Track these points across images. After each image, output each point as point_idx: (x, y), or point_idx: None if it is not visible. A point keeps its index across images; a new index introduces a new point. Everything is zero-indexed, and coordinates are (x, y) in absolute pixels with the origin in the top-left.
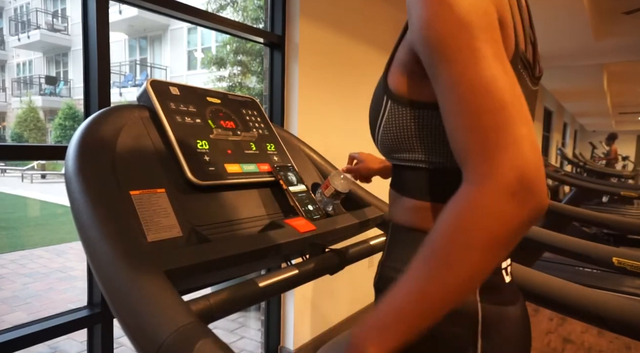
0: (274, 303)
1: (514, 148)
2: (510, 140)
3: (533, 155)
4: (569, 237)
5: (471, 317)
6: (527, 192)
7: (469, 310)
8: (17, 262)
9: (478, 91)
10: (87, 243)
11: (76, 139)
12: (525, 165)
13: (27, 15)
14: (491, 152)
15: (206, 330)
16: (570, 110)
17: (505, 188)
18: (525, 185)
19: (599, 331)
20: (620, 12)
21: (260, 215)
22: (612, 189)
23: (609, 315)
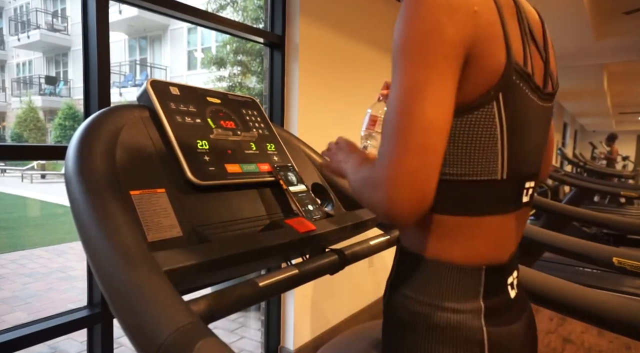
0: (274, 303)
1: (389, 180)
2: (391, 169)
3: (398, 193)
4: (569, 237)
5: (477, 343)
6: (385, 213)
7: (475, 337)
8: (17, 262)
9: (396, 108)
10: (87, 243)
11: (76, 139)
12: (388, 203)
13: (27, 15)
14: (380, 166)
15: (206, 330)
16: (570, 110)
17: (377, 194)
18: (386, 210)
19: (599, 331)
20: (620, 12)
21: (260, 215)
22: (612, 189)
23: (609, 315)
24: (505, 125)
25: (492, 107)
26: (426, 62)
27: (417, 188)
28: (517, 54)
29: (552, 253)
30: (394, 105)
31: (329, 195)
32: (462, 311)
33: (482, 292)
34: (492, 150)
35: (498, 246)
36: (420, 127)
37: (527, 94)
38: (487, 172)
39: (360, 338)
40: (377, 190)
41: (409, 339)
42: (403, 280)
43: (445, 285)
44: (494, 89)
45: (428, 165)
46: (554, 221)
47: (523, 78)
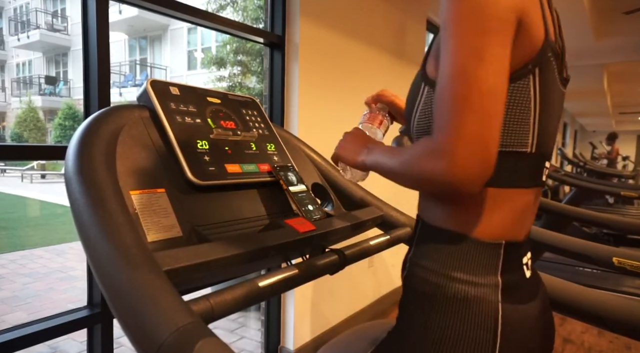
0: (274, 303)
1: (457, 146)
2: (455, 136)
3: (467, 158)
4: (569, 237)
5: (492, 317)
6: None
7: (490, 311)
8: (17, 262)
9: (455, 75)
10: (87, 243)
11: (76, 138)
12: (455, 170)
13: (26, 15)
14: (443, 135)
15: (206, 330)
16: (570, 110)
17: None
18: (453, 176)
19: (599, 331)
20: (620, 12)
21: (260, 215)
22: (612, 189)
23: (609, 315)
24: (539, 100)
25: (529, 80)
26: (485, 27)
27: (484, 152)
28: (551, 32)
29: (552, 253)
30: (452, 72)
31: (329, 195)
32: (480, 284)
33: (501, 267)
34: (526, 123)
35: (517, 222)
36: (485, 92)
37: (556, 73)
38: (519, 144)
39: (360, 338)
40: (440, 159)
41: (425, 310)
42: (422, 254)
43: (465, 257)
44: (532, 62)
45: (493, 129)
46: (554, 221)
47: (555, 56)
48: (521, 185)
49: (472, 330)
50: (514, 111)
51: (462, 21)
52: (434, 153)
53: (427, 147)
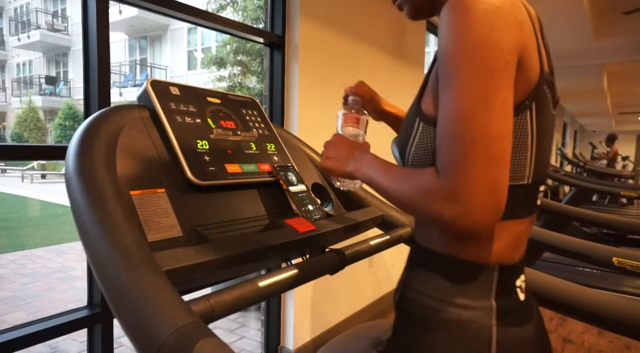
0: (274, 303)
1: (471, 192)
2: (468, 182)
3: (481, 203)
4: (569, 237)
5: (486, 341)
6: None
7: (484, 334)
8: (17, 262)
9: (463, 119)
10: (87, 243)
11: (76, 138)
12: (468, 214)
13: (27, 15)
14: (455, 180)
15: (206, 330)
16: (570, 110)
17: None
18: (464, 221)
19: (599, 331)
20: (620, 12)
21: (260, 215)
22: (612, 189)
23: (609, 315)
24: (535, 134)
25: (526, 115)
26: (489, 70)
27: (497, 196)
28: (546, 64)
29: (552, 253)
30: (457, 117)
31: (329, 195)
32: (474, 308)
33: (495, 290)
34: (523, 157)
35: (512, 247)
36: (493, 136)
37: (550, 104)
38: (518, 178)
39: (360, 338)
40: (454, 204)
41: (419, 334)
42: (416, 276)
43: (458, 281)
44: (529, 98)
45: (503, 172)
46: (554, 221)
47: (550, 88)
48: (519, 216)
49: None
50: (514, 146)
51: (465, 63)
52: (446, 197)
53: (437, 189)
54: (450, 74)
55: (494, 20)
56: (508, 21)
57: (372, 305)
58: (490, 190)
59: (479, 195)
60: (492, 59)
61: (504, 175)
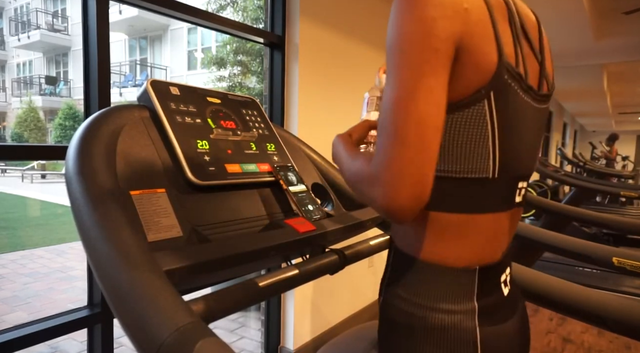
0: (274, 303)
1: (387, 176)
2: (388, 168)
3: (396, 189)
4: (569, 237)
5: (471, 343)
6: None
7: (468, 337)
8: (17, 262)
9: (391, 105)
10: (87, 243)
11: (76, 139)
12: (386, 199)
13: (27, 16)
14: (378, 164)
15: (206, 330)
16: (570, 110)
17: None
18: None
19: (599, 331)
20: (620, 12)
21: (260, 215)
22: (612, 189)
23: (609, 315)
24: (497, 125)
25: (483, 105)
26: (418, 58)
27: (414, 184)
28: (509, 54)
29: (552, 253)
30: (389, 103)
31: (329, 195)
32: (456, 312)
33: (476, 292)
34: (483, 149)
35: (490, 245)
36: (415, 122)
37: (520, 95)
38: (478, 170)
39: (360, 338)
40: (374, 186)
41: (403, 341)
42: (397, 282)
43: (439, 286)
44: (485, 88)
45: (424, 160)
46: (554, 221)
47: (515, 78)
48: (489, 210)
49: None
50: (469, 137)
51: (397, 53)
52: (370, 179)
53: (366, 171)
54: (389, 62)
55: (430, 10)
56: (446, 10)
57: (372, 305)
58: (407, 178)
59: (395, 182)
60: (422, 48)
61: (426, 163)
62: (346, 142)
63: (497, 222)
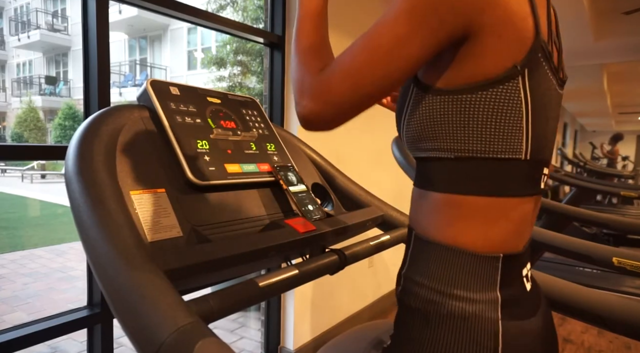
0: (274, 303)
1: (315, 90)
2: (326, 83)
3: (317, 102)
4: (569, 237)
5: (492, 336)
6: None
7: (489, 328)
8: (17, 262)
9: (368, 40)
10: (87, 244)
11: (76, 138)
12: (312, 110)
13: (27, 16)
14: (324, 76)
15: (206, 330)
16: (570, 110)
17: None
18: (308, 116)
19: (599, 331)
20: (620, 12)
21: (260, 215)
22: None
23: (609, 315)
24: (530, 103)
25: (518, 82)
26: (423, 18)
27: (337, 110)
28: (543, 32)
29: (552, 253)
30: (374, 33)
31: (329, 195)
32: (478, 301)
33: (499, 281)
34: (517, 127)
35: (515, 232)
36: (381, 71)
37: (549, 75)
38: (512, 150)
39: (360, 338)
40: (304, 97)
41: (420, 328)
42: (416, 268)
43: (461, 273)
44: (520, 63)
45: (355, 97)
46: (554, 221)
47: (547, 58)
48: (517, 194)
49: (470, 349)
50: (503, 115)
51: (404, 1)
52: (305, 89)
53: (313, 75)
54: (391, 5)
55: None
56: None
57: (372, 305)
58: (331, 100)
59: (316, 97)
60: (431, 10)
61: (354, 101)
62: (319, 5)
63: (522, 207)
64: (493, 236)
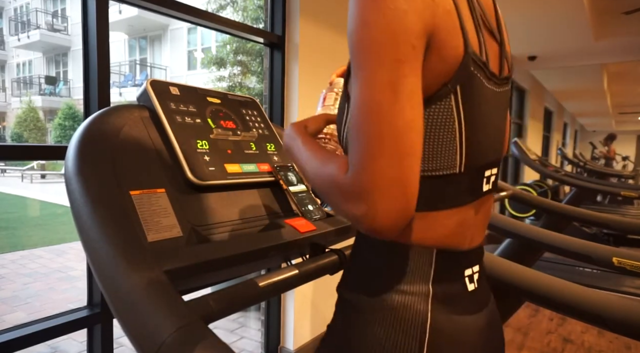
0: (274, 303)
1: (375, 192)
2: (373, 181)
3: (387, 204)
4: (569, 237)
5: (419, 326)
6: (367, 227)
7: (417, 319)
8: (17, 262)
9: (368, 112)
10: (87, 244)
11: (76, 138)
12: (374, 216)
13: (27, 15)
14: (359, 177)
15: (206, 330)
16: (570, 110)
17: (357, 207)
18: (368, 224)
19: (599, 331)
20: (620, 12)
21: (260, 215)
22: (612, 189)
23: (609, 315)
24: (464, 118)
25: (450, 100)
26: (395, 57)
27: (405, 195)
28: (473, 43)
29: (552, 253)
30: (364, 108)
31: None
32: (409, 293)
33: (432, 275)
34: (450, 144)
35: (455, 233)
36: (402, 130)
37: (484, 84)
38: (446, 167)
39: None
40: (357, 203)
41: (352, 318)
42: (354, 264)
43: (396, 265)
44: (451, 81)
45: (412, 168)
46: (554, 221)
47: (480, 68)
48: (454, 205)
49: (397, 339)
50: (436, 134)
51: (370, 50)
52: (350, 195)
53: (343, 186)
54: (357, 62)
55: (397, 3)
56: (416, 1)
57: None
58: (395, 190)
59: (383, 197)
60: (398, 45)
61: (415, 171)
62: (304, 135)
63: (463, 214)
64: (429, 234)
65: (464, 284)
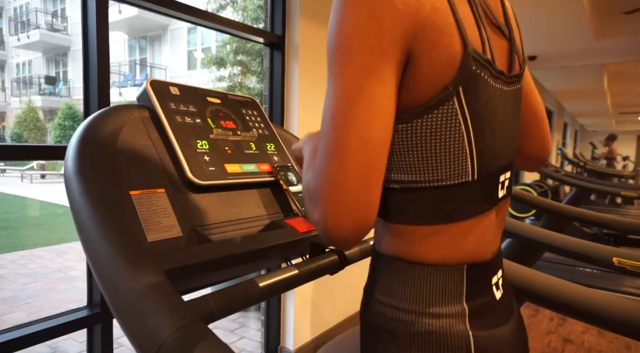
0: (274, 303)
1: (327, 202)
2: (329, 190)
3: (336, 217)
4: (569, 237)
5: (463, 348)
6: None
7: (461, 341)
8: (17, 262)
9: (330, 121)
10: (86, 244)
11: (76, 138)
12: (325, 225)
13: (26, 15)
14: (318, 184)
15: (206, 330)
16: (570, 110)
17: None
18: (323, 231)
19: (599, 331)
20: (620, 12)
21: (260, 215)
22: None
23: (609, 315)
24: (470, 121)
25: (453, 103)
26: (362, 63)
27: (356, 212)
28: (474, 41)
29: (552, 253)
30: (328, 116)
31: None
32: (445, 315)
33: (465, 293)
34: (459, 150)
35: (479, 245)
36: (357, 141)
37: (490, 83)
38: (457, 175)
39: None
40: (313, 207)
41: (389, 348)
42: (380, 286)
43: (425, 288)
44: (452, 83)
45: (368, 185)
46: (554, 221)
47: (483, 66)
48: (473, 215)
49: None
50: (442, 141)
51: (339, 54)
52: (310, 198)
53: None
54: (327, 62)
55: (375, 4)
56: (395, 3)
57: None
58: (348, 205)
59: (336, 210)
60: (367, 50)
61: (371, 188)
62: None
63: (482, 223)
64: (456, 251)
65: (492, 295)
